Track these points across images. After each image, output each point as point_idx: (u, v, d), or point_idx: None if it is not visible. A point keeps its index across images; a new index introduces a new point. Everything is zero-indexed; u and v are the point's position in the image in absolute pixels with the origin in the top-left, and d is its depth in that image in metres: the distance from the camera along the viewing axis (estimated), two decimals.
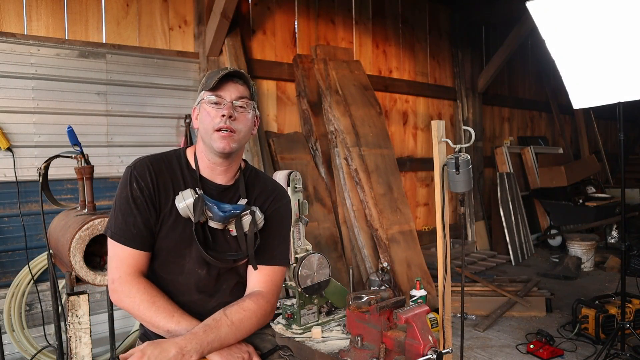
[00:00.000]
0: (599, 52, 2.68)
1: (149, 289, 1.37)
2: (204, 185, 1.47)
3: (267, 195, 1.56)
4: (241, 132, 1.42)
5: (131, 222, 1.39)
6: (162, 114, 3.60)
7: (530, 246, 6.17)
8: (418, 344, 1.63)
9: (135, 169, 1.43)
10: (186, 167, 1.49)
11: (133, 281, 1.37)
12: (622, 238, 3.04)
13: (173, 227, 1.43)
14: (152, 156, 1.48)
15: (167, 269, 1.45)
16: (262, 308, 1.43)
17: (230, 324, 1.34)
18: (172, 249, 1.44)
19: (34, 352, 2.90)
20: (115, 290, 1.38)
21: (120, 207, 1.41)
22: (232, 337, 1.34)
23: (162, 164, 1.46)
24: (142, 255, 1.41)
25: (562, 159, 7.24)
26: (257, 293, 1.47)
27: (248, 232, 1.45)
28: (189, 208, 1.39)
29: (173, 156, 1.51)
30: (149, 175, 1.42)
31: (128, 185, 1.40)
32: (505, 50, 5.96)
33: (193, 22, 3.81)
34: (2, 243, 2.99)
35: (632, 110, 5.02)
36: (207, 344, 1.28)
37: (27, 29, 3.06)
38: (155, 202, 1.42)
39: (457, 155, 2.34)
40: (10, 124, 2.99)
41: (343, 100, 4.32)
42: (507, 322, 3.80)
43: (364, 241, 4.12)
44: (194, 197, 1.40)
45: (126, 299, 1.36)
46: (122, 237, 1.39)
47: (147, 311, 1.33)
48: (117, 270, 1.38)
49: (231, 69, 1.42)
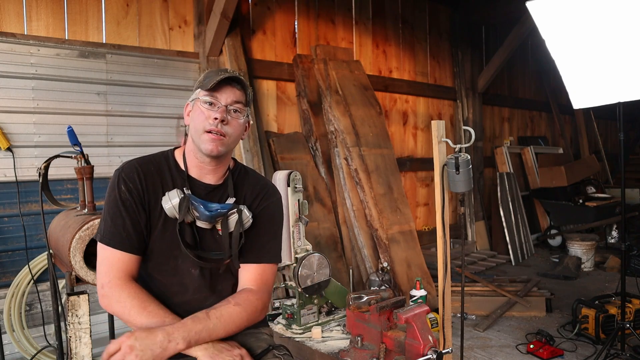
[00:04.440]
0: (599, 52, 2.68)
1: (140, 294, 1.35)
2: (193, 185, 1.47)
3: (257, 194, 1.56)
4: (231, 137, 1.43)
5: (120, 225, 1.37)
6: (162, 114, 3.60)
7: (530, 246, 6.17)
8: (418, 344, 1.63)
9: (123, 171, 1.42)
10: (175, 168, 1.49)
11: (123, 285, 1.35)
12: (622, 238, 3.04)
13: (164, 228, 1.43)
14: (140, 158, 1.47)
15: (161, 270, 1.45)
16: (252, 304, 1.44)
17: (220, 316, 1.35)
18: (164, 250, 1.44)
19: (34, 352, 2.91)
20: (104, 295, 1.35)
21: (109, 210, 1.40)
22: (221, 329, 1.35)
23: (150, 166, 1.46)
24: (132, 258, 1.39)
25: (562, 159, 7.24)
26: (248, 290, 1.48)
27: (234, 231, 1.45)
28: (175, 208, 1.39)
29: (161, 157, 1.50)
30: (137, 178, 1.41)
31: (116, 188, 1.39)
32: (505, 50, 5.96)
33: (193, 22, 3.81)
34: (2, 243, 2.99)
35: (632, 110, 5.01)
36: (195, 334, 1.29)
37: (27, 29, 3.06)
38: (144, 204, 1.41)
39: (457, 155, 2.34)
40: (10, 124, 2.99)
41: (343, 100, 4.32)
42: (507, 322, 3.79)
43: (364, 241, 4.12)
44: (180, 197, 1.40)
45: (116, 304, 1.34)
46: (111, 240, 1.37)
47: (138, 316, 1.32)
48: (107, 274, 1.36)
49: (231, 72, 1.41)
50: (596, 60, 2.71)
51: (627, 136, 9.79)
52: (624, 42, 2.59)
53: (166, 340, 1.24)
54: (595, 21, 2.64)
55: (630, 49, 2.58)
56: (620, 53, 2.61)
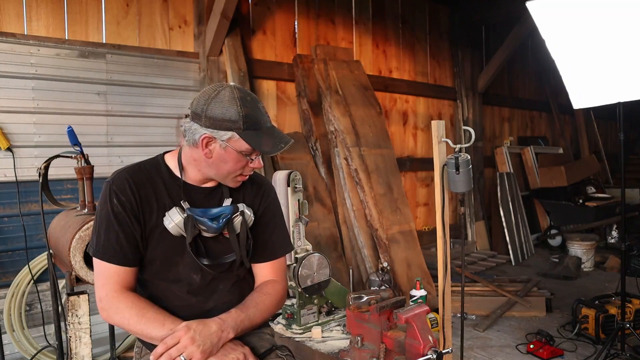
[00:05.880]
0: (599, 52, 2.68)
1: (137, 302, 1.35)
2: (189, 191, 1.44)
3: (256, 193, 1.56)
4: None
5: (114, 238, 1.36)
6: (162, 114, 3.60)
7: (530, 246, 6.17)
8: (418, 344, 1.63)
9: (114, 183, 1.38)
10: (168, 175, 1.45)
11: (120, 297, 1.35)
12: (622, 238, 3.04)
13: (162, 237, 1.41)
14: (130, 168, 1.43)
15: (161, 276, 1.44)
16: (279, 292, 1.55)
17: (256, 304, 1.45)
18: (163, 258, 1.43)
19: (34, 352, 2.90)
20: (103, 308, 1.36)
21: (102, 223, 1.37)
22: (259, 316, 1.45)
23: (141, 175, 1.42)
24: (127, 271, 1.38)
25: (562, 159, 7.23)
26: (272, 281, 1.56)
27: (240, 233, 1.45)
28: (180, 227, 1.38)
29: (152, 165, 1.46)
30: (129, 189, 1.37)
31: (108, 201, 1.36)
32: (505, 50, 5.96)
33: (193, 22, 3.81)
34: (2, 243, 2.99)
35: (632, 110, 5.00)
36: (241, 322, 1.38)
37: (27, 29, 3.06)
38: (138, 215, 1.38)
39: (457, 155, 2.34)
40: (10, 124, 2.99)
41: (343, 100, 4.32)
42: (507, 322, 3.79)
43: (364, 241, 4.12)
44: (183, 217, 1.38)
45: (115, 315, 1.35)
46: (104, 255, 1.36)
47: (138, 324, 1.33)
48: (103, 288, 1.36)
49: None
50: (596, 60, 2.70)
51: (627, 136, 9.77)
52: (624, 42, 2.59)
53: (220, 330, 1.33)
54: (595, 21, 2.63)
55: (630, 49, 2.58)
56: (620, 53, 2.61)
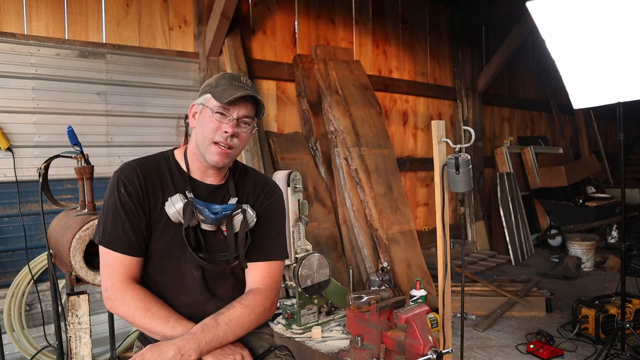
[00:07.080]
0: (599, 52, 2.68)
1: (143, 296, 1.36)
2: (194, 186, 1.46)
3: (259, 192, 1.56)
4: (237, 149, 1.43)
5: (120, 227, 1.37)
6: (162, 114, 3.60)
7: (530, 246, 6.17)
8: (418, 344, 1.63)
9: (122, 173, 1.40)
10: (175, 169, 1.47)
11: (126, 288, 1.36)
12: (622, 238, 3.04)
13: (165, 230, 1.42)
14: (139, 159, 1.46)
15: (162, 271, 1.44)
16: (261, 305, 1.43)
17: (228, 321, 1.35)
18: (165, 251, 1.43)
19: (34, 352, 2.90)
20: (109, 298, 1.37)
21: (109, 212, 1.39)
22: (230, 335, 1.34)
23: (150, 167, 1.44)
24: (133, 261, 1.39)
25: (562, 159, 7.24)
26: (255, 290, 1.47)
27: (239, 232, 1.45)
28: (179, 213, 1.38)
29: (161, 158, 1.49)
30: (137, 179, 1.39)
31: (116, 190, 1.38)
32: (505, 50, 5.96)
33: (193, 22, 3.81)
34: (2, 243, 2.99)
35: (632, 110, 5.01)
36: (206, 343, 1.29)
37: (27, 29, 3.06)
38: (144, 206, 1.40)
39: (457, 155, 2.34)
40: (10, 124, 2.99)
41: (343, 100, 4.32)
42: (507, 322, 3.79)
43: (364, 241, 4.12)
44: (183, 202, 1.39)
45: (120, 306, 1.35)
46: (110, 243, 1.37)
47: (142, 318, 1.33)
48: (110, 278, 1.37)
49: (247, 87, 1.39)
50: (596, 60, 2.71)
51: (627, 136, 9.78)
52: (624, 42, 2.59)
53: (178, 355, 1.24)
54: (595, 21, 2.64)
55: (630, 49, 2.58)
56: (620, 53, 2.61)
